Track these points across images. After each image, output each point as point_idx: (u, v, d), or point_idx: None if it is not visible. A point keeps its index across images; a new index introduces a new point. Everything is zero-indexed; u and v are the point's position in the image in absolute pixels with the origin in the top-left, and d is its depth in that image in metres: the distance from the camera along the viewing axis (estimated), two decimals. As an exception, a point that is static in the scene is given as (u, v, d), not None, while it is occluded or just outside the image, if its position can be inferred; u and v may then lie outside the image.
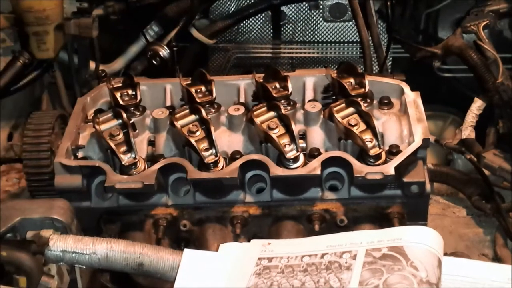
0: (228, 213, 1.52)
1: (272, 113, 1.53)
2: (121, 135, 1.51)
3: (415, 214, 1.52)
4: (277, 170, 1.46)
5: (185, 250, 1.30)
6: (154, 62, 2.33)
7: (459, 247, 1.88)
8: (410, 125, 1.52)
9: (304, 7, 2.54)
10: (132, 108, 1.61)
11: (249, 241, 1.38)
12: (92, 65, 2.32)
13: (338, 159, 1.47)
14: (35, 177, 1.59)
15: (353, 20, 2.35)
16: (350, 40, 2.56)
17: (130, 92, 1.63)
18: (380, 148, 1.46)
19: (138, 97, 1.62)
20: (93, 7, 2.24)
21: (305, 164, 1.47)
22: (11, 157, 2.26)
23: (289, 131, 1.48)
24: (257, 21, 2.57)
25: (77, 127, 1.59)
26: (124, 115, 1.52)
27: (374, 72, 2.29)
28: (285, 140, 1.48)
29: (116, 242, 1.27)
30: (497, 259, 1.86)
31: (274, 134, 1.48)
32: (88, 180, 1.52)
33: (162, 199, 1.53)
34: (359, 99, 1.53)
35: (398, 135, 1.55)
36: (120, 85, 1.65)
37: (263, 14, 2.54)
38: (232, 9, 2.52)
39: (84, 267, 1.30)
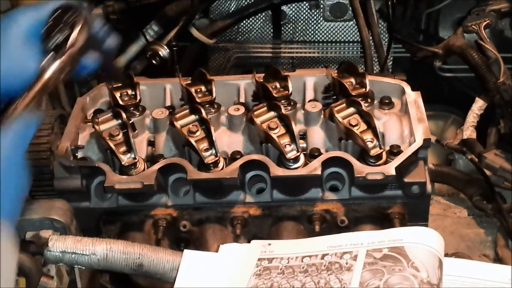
0: (228, 213, 1.52)
1: (272, 113, 1.52)
2: (120, 135, 1.50)
3: (416, 214, 1.52)
4: (277, 171, 1.45)
5: (185, 250, 1.29)
6: (154, 61, 2.32)
7: (460, 248, 1.88)
8: (411, 125, 1.51)
9: (304, 7, 2.53)
10: (131, 108, 1.60)
11: (249, 241, 1.38)
12: (92, 64, 2.31)
13: (339, 159, 1.46)
14: (34, 178, 1.58)
15: (354, 20, 2.34)
16: (351, 40, 2.55)
17: (129, 92, 1.63)
18: (381, 148, 1.46)
19: (138, 97, 1.61)
20: (92, 7, 2.24)
21: (305, 164, 1.47)
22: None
23: (289, 131, 1.48)
24: (257, 21, 2.56)
25: (76, 127, 1.58)
26: (124, 115, 1.52)
27: (374, 71, 2.28)
28: (286, 140, 1.48)
29: (115, 242, 1.27)
30: (498, 259, 1.85)
31: (274, 134, 1.47)
32: (88, 180, 1.52)
33: (161, 200, 1.53)
34: (360, 99, 1.53)
35: (399, 135, 1.54)
36: (120, 85, 1.65)
37: (263, 14, 2.53)
38: (232, 9, 2.51)
39: (84, 267, 1.30)
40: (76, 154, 1.55)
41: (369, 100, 1.59)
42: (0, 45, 1.13)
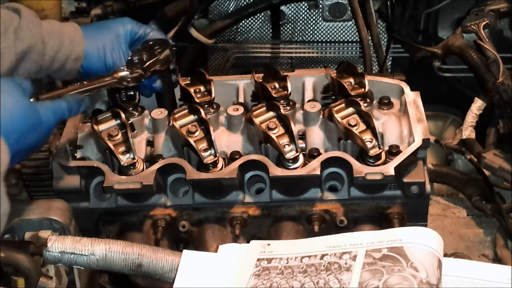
0: (228, 213, 1.51)
1: (271, 113, 1.52)
2: (119, 136, 1.50)
3: (415, 214, 1.52)
4: (276, 171, 1.45)
5: (184, 251, 1.29)
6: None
7: (459, 248, 1.87)
8: (410, 125, 1.51)
9: (303, 7, 2.53)
10: (130, 108, 1.60)
11: (248, 242, 1.38)
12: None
13: (338, 160, 1.46)
14: (33, 178, 1.58)
15: (353, 20, 2.34)
16: (350, 40, 2.55)
17: (128, 92, 1.63)
18: (380, 148, 1.46)
19: (137, 97, 1.61)
20: (92, 7, 2.23)
21: (304, 164, 1.47)
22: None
23: (288, 131, 1.48)
24: (256, 21, 2.56)
25: (75, 127, 1.58)
26: (123, 115, 1.52)
27: (374, 72, 2.28)
28: (285, 140, 1.47)
29: (114, 243, 1.27)
30: (497, 259, 1.85)
31: (273, 134, 1.47)
32: (87, 180, 1.52)
33: (161, 200, 1.53)
34: (359, 99, 1.53)
35: (398, 135, 1.54)
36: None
37: (262, 14, 2.53)
38: (231, 9, 2.51)
39: (83, 268, 1.30)
40: (75, 154, 1.55)
41: (368, 100, 1.59)
42: (104, 35, 1.51)
